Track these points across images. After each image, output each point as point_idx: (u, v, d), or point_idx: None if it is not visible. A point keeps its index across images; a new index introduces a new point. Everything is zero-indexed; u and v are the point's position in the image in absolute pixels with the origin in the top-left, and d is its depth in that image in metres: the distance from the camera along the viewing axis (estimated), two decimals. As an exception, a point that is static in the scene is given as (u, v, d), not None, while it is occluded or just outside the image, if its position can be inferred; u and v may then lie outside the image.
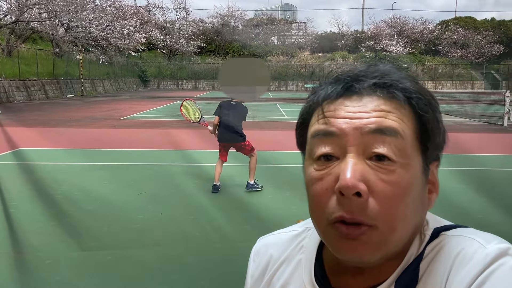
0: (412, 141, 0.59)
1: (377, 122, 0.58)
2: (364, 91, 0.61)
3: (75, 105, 21.61)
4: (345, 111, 0.60)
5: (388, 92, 0.60)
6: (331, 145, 0.59)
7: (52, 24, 29.71)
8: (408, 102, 0.60)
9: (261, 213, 4.89)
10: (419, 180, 0.60)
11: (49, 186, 5.75)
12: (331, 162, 0.59)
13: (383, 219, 0.56)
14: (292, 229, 0.78)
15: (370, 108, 0.59)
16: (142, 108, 19.55)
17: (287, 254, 0.74)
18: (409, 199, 0.58)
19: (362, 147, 0.58)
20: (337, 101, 0.62)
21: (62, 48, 30.14)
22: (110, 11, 36.18)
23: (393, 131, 0.58)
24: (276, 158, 7.83)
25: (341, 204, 0.57)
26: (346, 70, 0.66)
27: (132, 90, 40.51)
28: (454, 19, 55.36)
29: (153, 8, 52.72)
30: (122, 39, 36.22)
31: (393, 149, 0.57)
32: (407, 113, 0.60)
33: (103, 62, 38.06)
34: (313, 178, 0.61)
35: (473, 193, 5.43)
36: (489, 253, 0.56)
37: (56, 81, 28.30)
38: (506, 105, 14.00)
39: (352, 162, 0.57)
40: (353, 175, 0.55)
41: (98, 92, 33.86)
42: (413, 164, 0.59)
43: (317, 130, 0.62)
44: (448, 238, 0.61)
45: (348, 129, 0.58)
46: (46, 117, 15.62)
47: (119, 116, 16.07)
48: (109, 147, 9.52)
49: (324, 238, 0.62)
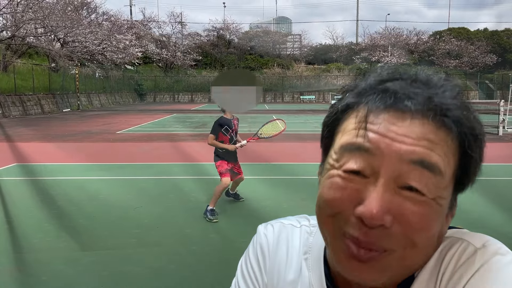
0: (450, 179, 0.56)
1: (421, 154, 0.53)
2: (415, 111, 0.54)
3: (71, 120, 21.57)
4: (389, 130, 0.54)
5: (442, 120, 0.54)
6: (363, 163, 0.54)
7: (48, 39, 29.83)
8: (460, 138, 0.55)
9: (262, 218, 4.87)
10: (444, 214, 0.57)
11: (46, 200, 5.72)
12: (359, 179, 0.54)
13: (402, 244, 0.54)
14: (302, 224, 0.75)
15: (418, 134, 0.53)
16: (138, 122, 19.54)
17: (297, 252, 0.72)
18: (433, 232, 0.56)
19: (396, 174, 0.53)
20: (383, 115, 0.55)
21: (58, 63, 30.21)
22: (106, 25, 36.41)
23: (437, 168, 0.53)
24: (275, 169, 7.82)
25: (360, 227, 0.54)
26: (394, 72, 0.60)
27: (128, 104, 40.52)
28: (447, 30, 56.02)
29: (149, 22, 53.11)
30: (118, 53, 36.37)
31: (429, 186, 0.53)
32: (453, 147, 0.55)
33: (99, 76, 38.15)
34: (336, 185, 0.56)
35: (469, 203, 5.42)
36: (480, 253, 0.56)
37: (52, 95, 28.30)
38: (500, 115, 14.09)
39: (382, 189, 0.52)
40: (380, 208, 0.52)
41: (94, 106, 33.86)
42: (443, 201, 0.55)
43: (351, 143, 0.56)
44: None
45: (386, 150, 0.53)
46: (42, 132, 15.57)
47: (115, 130, 16.05)
48: (105, 161, 9.48)
49: (330, 249, 0.60)
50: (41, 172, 7.76)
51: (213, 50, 54.22)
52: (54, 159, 9.42)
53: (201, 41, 55.15)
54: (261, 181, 5.87)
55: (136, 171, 8.11)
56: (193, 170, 7.84)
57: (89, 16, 37.04)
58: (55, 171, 7.81)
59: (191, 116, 24.07)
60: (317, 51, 58.31)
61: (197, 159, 8.81)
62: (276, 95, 48.19)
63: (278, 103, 45.29)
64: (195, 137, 13.74)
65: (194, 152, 9.95)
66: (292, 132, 15.67)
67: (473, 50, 50.46)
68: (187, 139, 13.38)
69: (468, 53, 50.57)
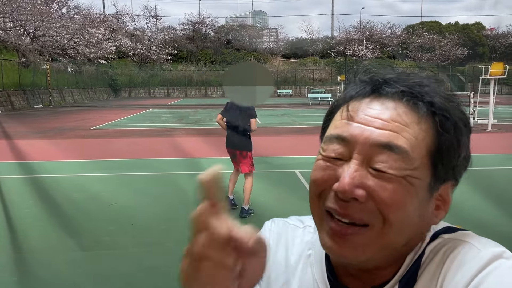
0: (422, 159, 0.59)
1: (388, 137, 0.58)
2: (391, 96, 0.61)
3: (43, 116, 21.03)
4: (365, 114, 0.60)
5: (413, 103, 0.60)
6: (341, 149, 0.60)
7: (17, 33, 28.89)
8: (431, 118, 0.59)
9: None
10: (422, 195, 0.59)
11: (13, 198, 5.55)
12: (338, 161, 0.60)
13: (380, 220, 0.58)
14: (306, 224, 0.78)
15: (389, 116, 0.59)
16: (113, 118, 19.20)
17: (301, 251, 0.74)
18: (407, 210, 0.58)
19: (368, 156, 0.58)
20: (364, 100, 0.62)
21: (28, 58, 29.31)
22: (78, 19, 35.56)
23: (403, 150, 0.57)
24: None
25: (337, 199, 0.59)
26: (379, 72, 0.65)
27: (102, 99, 39.78)
28: (420, 24, 57.04)
29: (123, 16, 52.08)
30: (91, 48, 35.53)
31: (396, 166, 0.57)
32: (426, 128, 0.59)
33: (72, 71, 37.22)
34: (318, 166, 0.62)
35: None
36: (483, 256, 0.56)
37: (22, 91, 27.48)
38: (471, 106, 14.45)
39: (353, 168, 0.58)
40: (351, 181, 0.57)
41: (67, 102, 33.08)
42: (416, 181, 0.58)
43: (332, 134, 0.62)
44: (445, 241, 0.62)
45: (358, 136, 0.59)
46: (12, 129, 15.10)
47: (89, 126, 15.72)
48: (77, 158, 9.27)
49: (319, 231, 0.64)
50: (6, 171, 7.54)
51: (188, 44, 53.61)
52: (25, 156, 9.15)
53: (176, 35, 54.45)
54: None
55: (113, 167, 7.96)
56: (174, 164, 7.76)
57: (60, 9, 35.98)
58: (25, 169, 7.60)
59: (167, 111, 23.80)
60: (293, 45, 58.46)
61: (176, 154, 8.72)
62: (253, 89, 48.09)
63: (255, 97, 45.22)
64: (172, 132, 13.60)
65: (174, 147, 9.85)
66: (269, 126, 15.69)
67: (445, 43, 51.56)
68: (164, 134, 13.23)
69: (440, 46, 51.65)
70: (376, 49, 51.97)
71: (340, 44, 53.15)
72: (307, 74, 50.32)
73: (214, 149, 5.52)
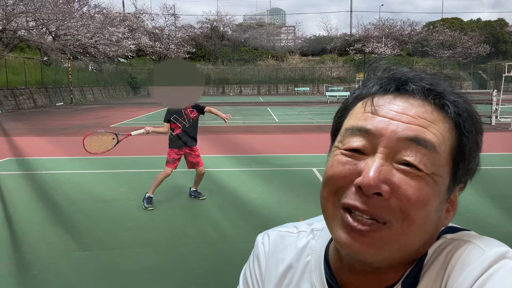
0: (446, 158, 0.58)
1: (416, 131, 0.57)
2: (417, 93, 0.60)
3: (65, 113, 21.43)
4: (389, 109, 0.59)
5: (440, 101, 0.59)
6: (364, 141, 0.59)
7: (40, 32, 29.50)
8: (456, 118, 0.59)
9: (254, 215, 4.88)
10: (441, 195, 0.59)
11: (38, 194, 5.69)
12: (360, 156, 0.59)
13: (400, 218, 0.56)
14: (300, 230, 0.77)
15: (416, 112, 0.58)
16: (132, 115, 19.45)
17: (295, 257, 0.74)
18: (429, 209, 0.57)
19: (394, 151, 0.57)
20: (387, 96, 0.61)
21: (50, 56, 29.92)
22: (98, 18, 36.04)
23: (430, 145, 0.57)
24: (269, 161, 7.83)
25: (359, 196, 0.57)
26: (399, 70, 0.65)
27: (122, 97, 40.28)
28: (441, 21, 56.05)
29: (142, 15, 52.63)
30: (111, 46, 36.04)
31: (424, 161, 0.56)
32: (450, 128, 0.59)
33: (92, 69, 37.83)
34: (337, 161, 0.60)
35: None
36: (487, 256, 0.56)
37: (45, 89, 28.06)
38: (493, 104, 14.15)
39: (379, 162, 0.56)
40: (377, 175, 0.55)
41: (88, 99, 33.63)
42: (440, 180, 0.58)
43: (354, 125, 0.61)
44: (448, 241, 0.61)
45: (384, 130, 0.57)
46: (35, 126, 15.47)
47: (109, 124, 15.97)
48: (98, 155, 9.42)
49: (331, 228, 0.61)
50: (34, 167, 7.72)
51: (206, 42, 53.89)
52: (47, 153, 9.36)
53: (194, 33, 54.80)
54: (255, 180, 5.88)
55: (130, 164, 8.08)
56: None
57: (81, 8, 36.57)
58: (49, 165, 7.77)
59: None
60: (311, 42, 58.15)
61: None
62: (271, 87, 48.09)
63: (273, 95, 45.21)
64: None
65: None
66: (286, 124, 15.67)
67: (467, 40, 50.55)
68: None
69: (461, 43, 50.65)
70: (395, 46, 51.28)
71: (358, 42, 52.66)
72: (325, 72, 49.99)
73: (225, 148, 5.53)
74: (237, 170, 5.73)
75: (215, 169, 6.65)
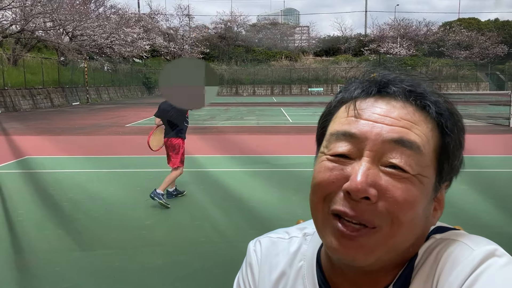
0: (430, 158, 0.59)
1: (400, 133, 0.57)
2: (398, 95, 0.60)
3: (81, 113, 21.72)
4: (373, 112, 0.59)
5: (421, 102, 0.60)
6: (349, 146, 0.59)
7: (57, 32, 29.96)
8: (437, 118, 0.60)
9: (266, 216, 4.89)
10: (428, 195, 0.60)
11: (56, 193, 5.78)
12: (346, 160, 0.59)
13: (390, 221, 0.56)
14: (292, 235, 0.77)
15: (398, 114, 0.59)
16: (147, 115, 19.59)
17: (288, 263, 0.74)
18: (417, 210, 0.57)
19: (379, 153, 0.57)
20: (369, 99, 0.62)
21: (67, 57, 30.36)
22: (114, 19, 36.45)
23: (415, 146, 0.57)
24: (281, 162, 7.82)
25: (347, 202, 0.57)
26: (380, 74, 0.66)
27: (137, 97, 40.66)
28: (457, 21, 55.28)
29: (157, 15, 53.10)
30: (126, 47, 36.42)
31: (410, 162, 0.57)
32: (432, 128, 0.60)
33: (108, 69, 38.29)
34: (324, 167, 0.60)
35: (478, 194, 5.38)
36: (476, 255, 0.56)
37: (61, 89, 28.49)
38: (511, 106, 13.93)
39: (365, 166, 0.56)
40: (364, 179, 0.55)
41: (103, 99, 34.03)
42: (426, 180, 0.58)
43: (338, 130, 0.61)
44: (438, 241, 0.62)
45: (369, 133, 0.58)
46: (52, 125, 15.71)
47: (124, 123, 16.14)
48: (115, 154, 9.55)
49: (321, 235, 0.62)
50: (51, 166, 7.84)
51: (220, 42, 54.08)
52: (64, 152, 9.50)
53: (208, 33, 55.05)
54: (266, 181, 5.87)
55: (146, 164, 8.16)
56: (201, 163, 7.86)
57: (97, 9, 37.07)
58: (65, 165, 7.89)
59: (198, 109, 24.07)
60: (325, 43, 57.89)
61: (201, 152, 8.84)
62: (284, 87, 48.02)
63: (286, 95, 45.15)
64: (202, 130, 13.76)
65: (203, 146, 9.98)
66: (300, 125, 15.64)
67: (484, 40, 49.75)
68: (196, 131, 13.41)
69: (478, 43, 49.87)
70: (411, 46, 50.75)
71: (373, 42, 52.23)
72: (339, 72, 49.72)
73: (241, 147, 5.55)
74: (250, 170, 5.75)
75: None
